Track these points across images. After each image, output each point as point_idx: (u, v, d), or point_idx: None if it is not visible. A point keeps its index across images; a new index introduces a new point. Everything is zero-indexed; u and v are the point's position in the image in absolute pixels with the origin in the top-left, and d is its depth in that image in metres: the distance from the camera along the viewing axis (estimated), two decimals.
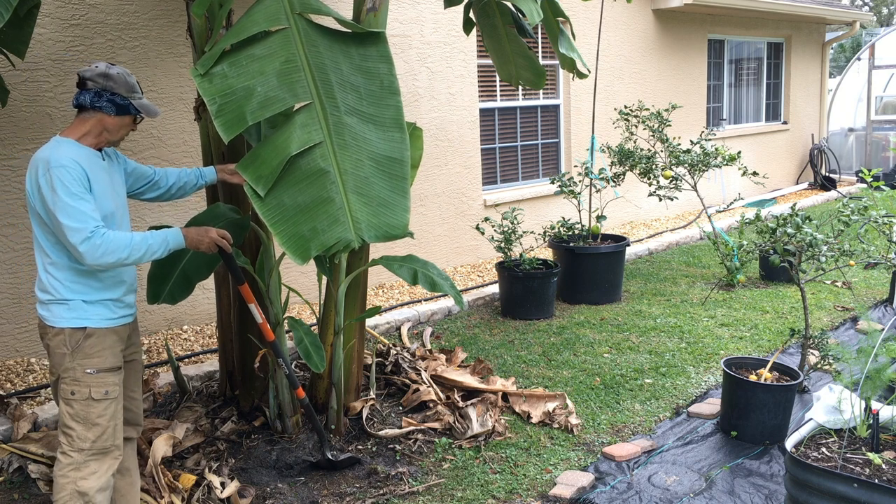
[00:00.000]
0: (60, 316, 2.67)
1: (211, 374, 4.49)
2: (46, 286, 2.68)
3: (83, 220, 2.53)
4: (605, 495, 3.33)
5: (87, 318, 2.68)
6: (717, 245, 6.84)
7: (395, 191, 2.78)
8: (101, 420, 2.69)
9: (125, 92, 2.69)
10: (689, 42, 10.06)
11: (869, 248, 4.52)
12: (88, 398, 2.66)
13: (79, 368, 2.67)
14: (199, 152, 5.11)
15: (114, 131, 2.70)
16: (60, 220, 2.52)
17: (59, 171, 2.51)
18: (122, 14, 5.00)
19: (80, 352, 2.67)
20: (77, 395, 2.67)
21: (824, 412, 3.03)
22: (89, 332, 2.68)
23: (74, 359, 2.66)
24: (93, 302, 2.69)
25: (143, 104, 2.74)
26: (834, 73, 19.47)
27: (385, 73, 2.85)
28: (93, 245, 2.54)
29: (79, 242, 2.52)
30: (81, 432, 2.67)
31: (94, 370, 2.68)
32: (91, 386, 2.67)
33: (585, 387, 4.52)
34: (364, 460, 3.65)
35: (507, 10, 4.39)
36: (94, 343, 2.68)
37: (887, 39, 13.28)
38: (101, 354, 2.69)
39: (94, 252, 2.54)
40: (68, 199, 2.51)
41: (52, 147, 2.61)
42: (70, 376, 2.67)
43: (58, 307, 2.67)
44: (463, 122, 7.29)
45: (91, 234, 2.53)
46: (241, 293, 3.28)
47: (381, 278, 6.61)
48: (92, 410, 2.67)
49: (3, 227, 4.68)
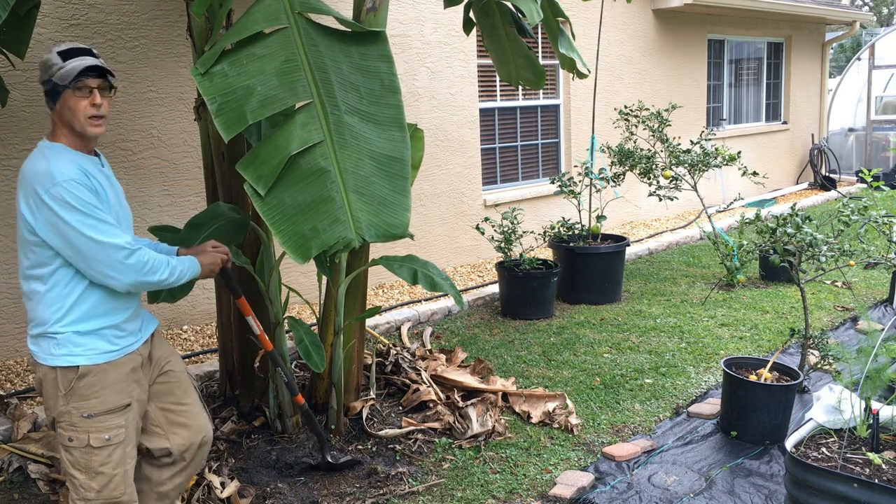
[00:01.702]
0: (49, 352, 2.34)
1: (211, 374, 4.49)
2: (35, 315, 2.37)
3: (116, 234, 2.29)
4: (605, 495, 3.33)
5: (80, 353, 2.34)
6: (717, 245, 6.83)
7: (396, 190, 2.78)
8: (105, 468, 2.38)
9: (45, 75, 2.33)
10: (689, 42, 10.06)
11: (869, 248, 4.52)
12: (87, 445, 2.36)
13: (74, 412, 2.34)
14: (198, 152, 5.11)
15: (74, 118, 2.33)
16: (91, 236, 2.24)
17: (69, 185, 2.23)
18: (122, 14, 4.99)
19: (74, 394, 2.33)
20: (75, 441, 2.36)
21: (824, 412, 3.03)
22: (83, 372, 2.34)
23: (69, 402, 2.33)
24: (86, 333, 2.36)
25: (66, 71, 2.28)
26: (834, 73, 19.48)
27: (385, 72, 2.85)
28: (139, 261, 2.30)
29: (123, 258, 2.28)
30: (85, 481, 2.38)
31: (93, 414, 2.35)
32: (90, 432, 2.35)
33: (585, 387, 4.52)
34: (364, 460, 3.65)
35: (507, 10, 4.39)
36: (90, 383, 2.35)
37: (887, 39, 13.28)
38: (101, 395, 2.36)
39: (140, 269, 2.31)
40: (92, 214, 2.25)
41: (46, 157, 2.31)
42: (66, 421, 2.36)
43: (46, 342, 2.35)
44: (463, 121, 7.29)
45: (133, 248, 2.30)
46: (240, 307, 3.18)
47: (381, 278, 6.61)
48: (93, 458, 2.37)
49: (3, 227, 4.67)
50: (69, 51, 2.34)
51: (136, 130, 5.12)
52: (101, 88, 2.38)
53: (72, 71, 2.29)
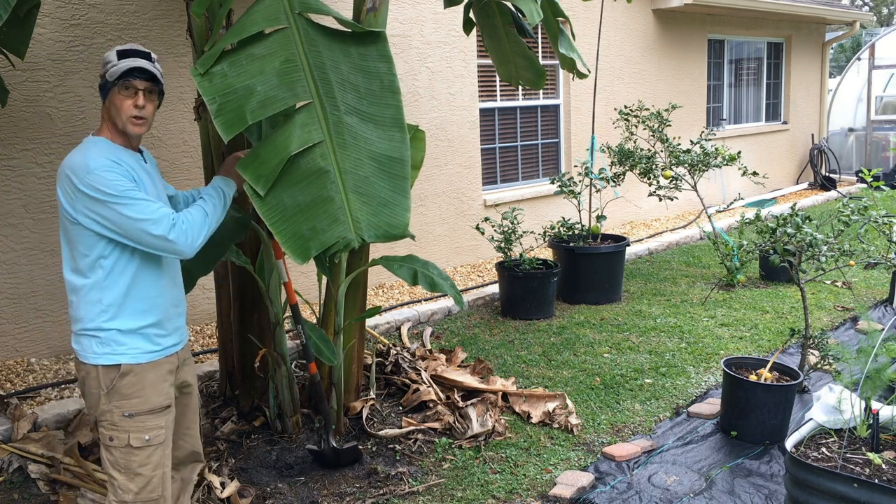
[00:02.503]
0: (92, 351, 2.37)
1: (211, 374, 4.49)
2: (77, 312, 2.39)
3: (155, 210, 2.31)
4: (605, 495, 3.33)
5: (123, 353, 2.37)
6: (717, 245, 6.84)
7: (396, 190, 2.78)
8: (144, 470, 2.40)
9: (101, 70, 2.44)
10: (689, 42, 10.06)
11: (869, 248, 4.52)
12: (127, 445, 2.38)
13: (116, 411, 2.37)
14: (198, 152, 5.11)
15: (118, 115, 2.41)
16: (130, 215, 2.27)
17: (101, 172, 2.28)
18: (122, 14, 4.99)
19: (115, 392, 2.36)
20: (115, 441, 2.38)
21: (824, 412, 3.03)
22: (125, 371, 2.37)
23: (111, 400, 2.36)
24: (129, 332, 2.38)
25: (116, 69, 2.37)
26: (834, 73, 19.47)
27: (385, 72, 2.85)
28: (182, 231, 2.34)
29: (167, 231, 2.30)
30: (123, 483, 2.40)
31: (133, 413, 2.37)
32: (130, 431, 2.37)
33: (585, 387, 4.52)
34: (364, 460, 3.65)
35: (507, 10, 4.39)
36: (132, 382, 2.37)
37: (887, 39, 13.28)
38: (142, 394, 2.39)
39: (186, 237, 2.34)
40: (128, 194, 2.28)
41: (84, 148, 2.37)
42: (107, 420, 2.38)
43: (89, 340, 2.37)
44: (463, 121, 7.29)
45: (174, 219, 2.32)
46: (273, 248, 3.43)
47: (381, 278, 6.61)
48: (133, 459, 2.38)
49: (3, 227, 4.67)
50: (127, 51, 2.42)
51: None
52: (148, 91, 2.45)
53: (120, 69, 2.36)
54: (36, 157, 4.72)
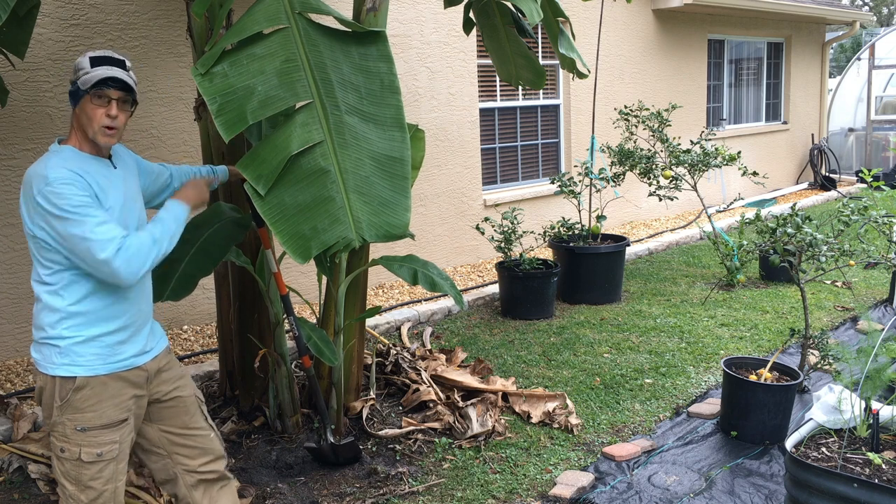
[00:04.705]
0: (51, 361, 2.29)
1: (211, 374, 4.49)
2: (38, 320, 2.32)
3: (104, 231, 2.21)
4: (605, 495, 3.33)
5: (81, 363, 2.28)
6: (717, 245, 6.84)
7: (396, 190, 2.78)
8: (95, 483, 2.32)
9: (72, 76, 2.33)
10: (689, 42, 10.06)
11: (869, 248, 4.51)
12: (78, 459, 2.29)
13: (68, 424, 2.28)
14: (199, 152, 5.11)
15: (88, 124, 2.32)
16: (77, 233, 2.18)
17: (58, 185, 2.19)
18: (122, 14, 5.00)
19: (69, 406, 2.27)
20: (66, 453, 2.30)
21: (824, 412, 3.03)
22: (80, 384, 2.27)
23: (63, 413, 2.28)
24: (89, 340, 2.29)
25: (89, 77, 2.28)
26: (834, 73, 19.48)
27: (385, 72, 2.85)
28: (125, 259, 2.22)
29: (111, 257, 2.19)
30: (74, 493, 2.33)
31: (87, 427, 2.29)
32: (82, 446, 2.29)
33: (585, 387, 4.52)
34: (364, 460, 3.65)
35: (507, 10, 4.39)
36: (87, 395, 2.28)
37: (887, 39, 13.29)
38: (97, 408, 2.29)
39: (129, 265, 2.23)
40: (80, 211, 2.19)
41: (46, 158, 2.29)
42: (59, 431, 2.30)
43: (49, 349, 2.30)
44: (463, 121, 7.29)
45: (120, 244, 2.22)
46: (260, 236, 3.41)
47: (381, 278, 6.61)
48: (84, 472, 2.31)
49: (3, 227, 4.68)
50: (100, 58, 2.34)
51: (137, 130, 5.12)
52: (122, 101, 2.36)
53: (93, 78, 2.28)
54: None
